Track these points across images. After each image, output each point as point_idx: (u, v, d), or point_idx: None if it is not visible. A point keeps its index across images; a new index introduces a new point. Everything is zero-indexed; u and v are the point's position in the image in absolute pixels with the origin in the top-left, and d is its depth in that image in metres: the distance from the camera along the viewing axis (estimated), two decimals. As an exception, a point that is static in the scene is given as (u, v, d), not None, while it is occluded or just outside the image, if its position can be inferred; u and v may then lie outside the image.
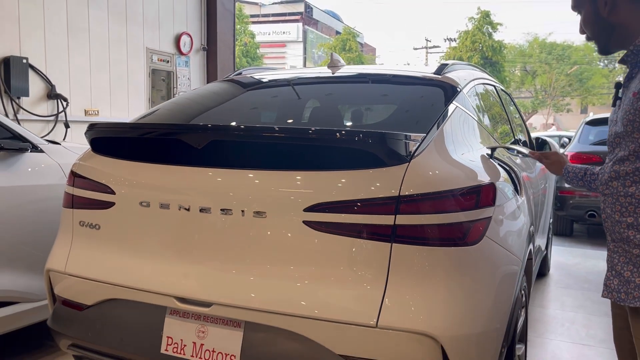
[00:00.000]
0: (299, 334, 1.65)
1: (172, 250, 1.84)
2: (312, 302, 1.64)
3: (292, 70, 3.03)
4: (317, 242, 1.64)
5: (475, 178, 1.77)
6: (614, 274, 1.51)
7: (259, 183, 1.72)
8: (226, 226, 1.75)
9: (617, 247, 1.52)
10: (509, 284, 1.85)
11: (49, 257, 2.16)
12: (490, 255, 1.73)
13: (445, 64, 2.46)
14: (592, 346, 3.22)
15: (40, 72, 5.18)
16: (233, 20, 7.69)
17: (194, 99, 2.57)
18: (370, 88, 2.42)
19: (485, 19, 32.48)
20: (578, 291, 4.39)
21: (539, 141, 3.93)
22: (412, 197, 1.59)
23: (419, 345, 1.57)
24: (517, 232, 2.04)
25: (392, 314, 1.57)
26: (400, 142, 1.63)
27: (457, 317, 1.59)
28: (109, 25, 5.94)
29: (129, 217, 1.92)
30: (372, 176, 1.63)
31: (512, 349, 1.93)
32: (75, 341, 2.06)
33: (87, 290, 2.01)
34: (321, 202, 1.63)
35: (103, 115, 5.89)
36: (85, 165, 2.07)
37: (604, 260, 5.14)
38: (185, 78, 7.04)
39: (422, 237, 1.59)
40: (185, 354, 1.81)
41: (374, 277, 1.60)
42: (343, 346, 1.62)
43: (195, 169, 1.81)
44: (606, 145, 1.65)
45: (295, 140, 1.71)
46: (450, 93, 2.18)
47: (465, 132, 2.11)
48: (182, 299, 1.80)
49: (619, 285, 1.48)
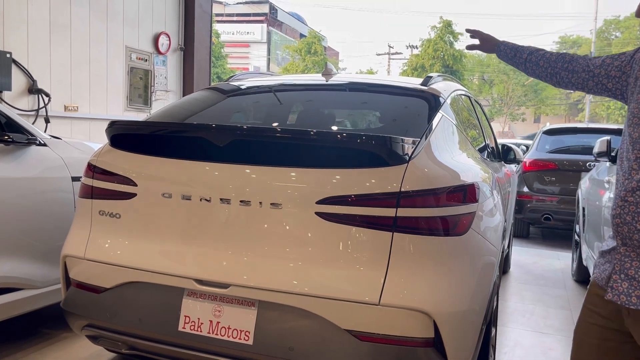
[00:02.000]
0: (308, 311, 1.87)
1: (192, 237, 2.03)
2: (322, 283, 1.86)
3: (288, 77, 3.25)
4: (327, 230, 1.87)
5: (461, 177, 2.04)
6: (624, 277, 1.45)
7: (276, 178, 1.94)
8: (244, 216, 1.95)
9: (630, 252, 1.46)
10: (489, 271, 2.12)
11: (66, 244, 2.30)
12: (475, 245, 2.00)
13: (430, 77, 2.74)
14: (550, 334, 3.56)
15: (22, 67, 5.21)
16: (210, 22, 7.83)
17: (200, 100, 2.76)
18: (366, 96, 2.68)
19: (447, 28, 33.40)
20: (536, 286, 4.76)
21: (504, 147, 4.27)
22: (411, 192, 1.84)
23: (414, 320, 1.82)
24: (494, 227, 2.32)
25: (392, 293, 1.81)
26: (401, 145, 1.88)
27: (446, 296, 1.84)
28: (90, 22, 6.00)
29: (150, 207, 2.10)
30: (376, 174, 1.87)
31: (489, 328, 2.21)
32: (91, 322, 2.22)
33: (106, 274, 2.17)
34: (331, 195, 1.87)
35: (82, 112, 5.95)
36: (106, 159, 2.24)
37: (559, 259, 5.56)
38: (162, 77, 7.13)
39: (418, 228, 1.84)
40: (202, 331, 2.00)
41: (377, 262, 1.84)
42: (348, 322, 1.85)
43: (217, 165, 2.02)
44: (620, 148, 1.58)
45: (308, 141, 1.94)
46: (436, 103, 2.45)
47: (449, 137, 2.38)
48: (201, 281, 1.99)
49: (629, 289, 1.44)
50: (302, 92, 2.85)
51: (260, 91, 2.87)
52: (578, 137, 7.66)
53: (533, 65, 1.95)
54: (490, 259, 2.16)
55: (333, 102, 2.73)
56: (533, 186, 7.07)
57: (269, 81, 2.98)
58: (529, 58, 1.96)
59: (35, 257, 2.83)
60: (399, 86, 2.70)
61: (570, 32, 51.40)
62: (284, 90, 2.88)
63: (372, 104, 2.69)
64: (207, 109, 2.68)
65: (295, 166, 1.94)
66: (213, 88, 2.95)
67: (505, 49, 2.07)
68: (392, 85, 2.74)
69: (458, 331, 1.87)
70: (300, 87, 2.88)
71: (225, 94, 2.85)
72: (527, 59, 1.97)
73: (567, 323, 3.80)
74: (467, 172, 2.16)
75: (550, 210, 6.91)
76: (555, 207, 6.91)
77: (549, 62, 1.89)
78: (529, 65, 1.97)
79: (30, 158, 2.84)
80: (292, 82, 2.99)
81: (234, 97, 2.81)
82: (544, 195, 6.98)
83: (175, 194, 2.05)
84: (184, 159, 2.08)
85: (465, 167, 2.18)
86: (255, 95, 2.85)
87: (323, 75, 2.89)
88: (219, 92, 2.86)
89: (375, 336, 1.83)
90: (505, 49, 2.07)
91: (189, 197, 2.02)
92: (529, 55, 1.97)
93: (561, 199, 6.91)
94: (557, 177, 6.98)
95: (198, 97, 2.83)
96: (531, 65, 1.96)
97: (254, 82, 2.99)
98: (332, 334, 1.86)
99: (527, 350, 3.28)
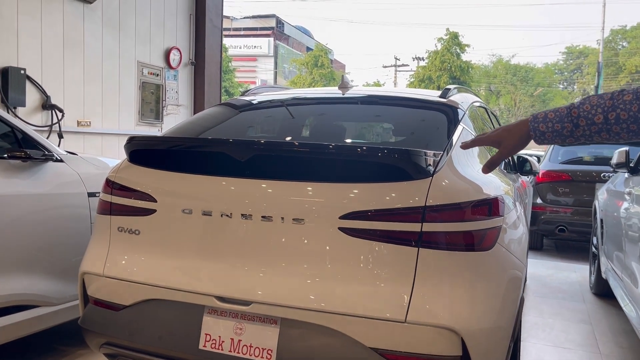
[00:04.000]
0: (332, 329, 1.84)
1: (213, 254, 2.00)
2: (346, 300, 1.82)
3: (305, 91, 3.24)
4: (351, 246, 1.84)
5: (486, 191, 2.00)
6: None
7: (298, 193, 1.91)
8: (266, 232, 1.92)
9: None
10: (516, 286, 2.08)
11: (84, 261, 2.28)
12: (502, 260, 1.96)
13: (448, 89, 2.71)
14: (572, 349, 3.49)
15: (36, 83, 5.24)
16: (220, 36, 7.88)
17: (217, 115, 2.75)
18: (386, 109, 2.66)
19: (453, 40, 33.48)
20: (554, 300, 4.69)
21: (519, 159, 4.23)
22: (437, 207, 1.81)
23: (441, 337, 1.77)
24: (518, 241, 2.28)
25: (418, 310, 1.77)
26: (425, 158, 1.85)
27: (474, 313, 1.80)
28: (103, 38, 6.04)
29: (170, 223, 2.08)
30: (400, 188, 1.84)
31: (517, 344, 2.16)
32: (110, 339, 2.19)
33: (125, 291, 2.14)
34: (355, 210, 1.84)
35: (95, 127, 5.97)
36: (125, 175, 2.22)
37: (575, 272, 5.49)
38: (173, 91, 7.16)
39: (445, 243, 1.80)
40: (223, 350, 1.96)
41: (403, 278, 1.80)
42: (373, 340, 1.81)
43: (238, 180, 1.99)
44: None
45: (331, 155, 1.91)
46: (457, 115, 2.42)
47: (470, 150, 2.35)
48: (222, 298, 1.96)
49: None
50: (320, 106, 2.83)
51: (277, 105, 2.86)
52: (591, 147, 7.60)
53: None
54: (517, 273, 2.11)
55: (352, 116, 2.71)
56: (546, 197, 7.00)
57: (285, 95, 2.97)
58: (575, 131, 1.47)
59: (52, 273, 2.81)
60: (418, 99, 2.67)
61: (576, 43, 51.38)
62: (301, 104, 2.86)
63: (392, 117, 2.67)
64: (225, 124, 2.66)
65: (318, 181, 1.91)
66: (229, 103, 2.94)
67: (545, 119, 1.53)
68: (412, 97, 2.71)
69: (486, 349, 1.83)
70: (318, 101, 2.86)
71: (242, 109, 2.84)
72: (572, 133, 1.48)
73: (589, 338, 3.72)
74: (489, 185, 2.12)
75: (565, 222, 6.83)
76: (569, 219, 6.84)
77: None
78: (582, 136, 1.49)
79: (47, 174, 2.84)
80: (309, 96, 2.97)
81: (252, 112, 2.80)
82: (558, 206, 6.91)
83: (196, 209, 2.02)
84: (204, 174, 2.06)
85: (488, 180, 2.14)
86: (272, 110, 2.84)
87: (340, 88, 2.87)
88: (236, 107, 2.85)
89: (401, 354, 1.79)
90: (546, 119, 1.52)
91: (210, 212, 2.00)
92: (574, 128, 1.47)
93: (575, 210, 6.84)
94: (571, 188, 6.91)
95: (214, 112, 2.82)
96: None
97: (270, 96, 2.97)
98: (357, 352, 1.82)
99: (549, 366, 3.22)
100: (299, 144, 1.95)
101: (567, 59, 48.36)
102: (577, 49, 46.87)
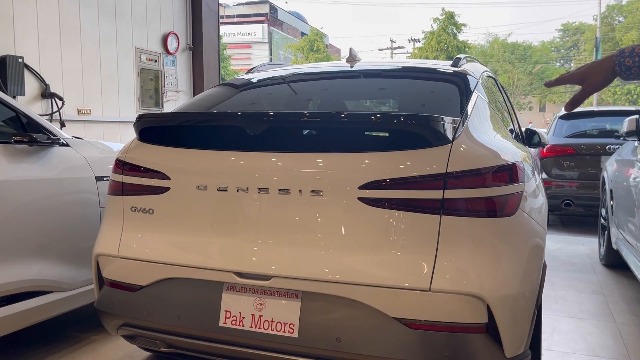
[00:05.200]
0: (355, 301, 1.81)
1: (230, 229, 1.96)
2: (368, 271, 1.79)
3: (312, 65, 3.19)
4: (371, 216, 1.80)
5: (505, 157, 1.96)
6: None
7: (315, 164, 1.87)
8: (284, 205, 1.89)
9: None
10: (539, 252, 2.05)
11: (97, 243, 2.25)
12: (524, 226, 1.93)
13: (459, 58, 2.67)
14: (587, 319, 3.48)
15: (34, 72, 5.17)
16: (217, 20, 7.78)
17: (225, 92, 2.70)
18: (398, 80, 2.61)
19: (449, 19, 33.24)
20: (564, 272, 4.68)
21: (528, 131, 4.19)
22: (458, 173, 1.77)
23: (466, 305, 1.75)
24: (539, 209, 2.25)
25: (443, 278, 1.74)
26: (445, 125, 1.81)
27: (499, 279, 1.77)
28: (99, 23, 5.96)
29: (185, 200, 2.04)
30: (420, 155, 1.80)
31: (539, 313, 2.14)
32: (127, 321, 2.16)
33: (142, 271, 2.11)
34: (375, 180, 1.80)
35: (95, 115, 5.91)
36: (136, 154, 2.18)
37: (583, 245, 5.46)
38: (172, 77, 7.09)
39: (467, 209, 1.77)
40: (244, 326, 1.93)
41: (425, 246, 1.77)
42: (397, 310, 1.78)
43: (252, 154, 1.95)
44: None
45: (348, 124, 1.87)
46: (470, 83, 2.38)
47: (485, 117, 2.31)
48: (241, 274, 1.93)
49: None
50: (330, 80, 2.78)
51: (285, 80, 2.81)
52: (595, 120, 7.55)
53: None
54: (539, 240, 2.08)
55: (364, 88, 2.66)
56: (551, 172, 6.97)
57: (292, 70, 2.91)
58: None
59: (63, 259, 2.78)
60: (430, 68, 2.63)
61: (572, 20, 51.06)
62: (310, 79, 2.81)
63: (405, 87, 2.62)
64: (233, 101, 2.61)
65: (335, 151, 1.87)
66: (236, 80, 2.89)
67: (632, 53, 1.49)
68: (423, 67, 2.67)
69: (512, 316, 1.80)
70: (327, 75, 2.81)
71: (250, 86, 2.78)
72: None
73: (603, 308, 3.71)
74: (507, 151, 2.08)
75: (571, 196, 6.81)
76: (575, 193, 6.81)
77: None
78: None
79: (54, 158, 2.79)
80: (318, 70, 2.92)
81: (260, 88, 2.74)
82: (563, 181, 6.88)
83: (211, 185, 1.99)
84: (218, 149, 2.02)
85: (504, 147, 2.10)
86: (281, 85, 2.79)
87: (347, 61, 2.82)
88: (243, 84, 2.80)
89: (426, 323, 1.77)
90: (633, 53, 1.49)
91: (225, 188, 1.96)
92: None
93: (581, 183, 6.81)
94: (576, 162, 6.88)
95: (221, 90, 2.77)
96: None
97: (277, 72, 2.92)
98: (381, 323, 1.79)
99: (565, 335, 3.21)
100: (314, 114, 1.91)
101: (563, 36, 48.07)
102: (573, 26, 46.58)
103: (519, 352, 1.84)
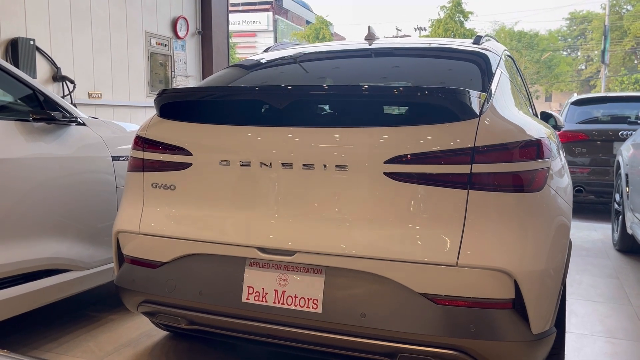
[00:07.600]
0: (380, 276, 1.79)
1: (253, 205, 1.95)
2: (393, 246, 1.78)
3: (331, 44, 3.15)
4: (396, 191, 1.79)
5: (531, 132, 1.94)
6: None
7: (340, 139, 1.85)
8: (308, 180, 1.87)
9: None
10: (565, 231, 2.03)
11: (118, 220, 2.24)
12: (551, 202, 1.91)
13: (480, 36, 2.63)
14: (603, 302, 3.47)
15: (46, 54, 5.15)
16: (227, 5, 7.72)
17: (245, 68, 2.67)
18: (422, 58, 2.57)
19: (456, 7, 32.98)
20: (578, 257, 4.65)
21: (543, 114, 4.15)
22: (486, 147, 1.75)
23: (493, 280, 1.73)
24: (565, 186, 2.22)
25: (470, 253, 1.72)
26: (472, 99, 1.78)
27: (527, 255, 1.75)
28: (110, 7, 5.92)
29: (207, 176, 2.02)
30: (447, 130, 1.78)
31: (565, 290, 2.12)
32: (148, 297, 2.16)
33: (163, 247, 2.10)
34: (401, 154, 1.78)
35: (105, 99, 5.89)
36: (157, 130, 2.16)
37: (596, 230, 5.42)
38: (182, 62, 7.06)
39: (494, 184, 1.75)
40: (267, 301, 1.92)
41: (452, 221, 1.75)
42: (423, 285, 1.76)
43: (276, 129, 1.93)
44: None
45: (374, 97, 1.85)
46: (493, 60, 2.34)
47: (509, 95, 2.28)
48: (264, 249, 1.92)
49: None
50: (349, 59, 2.74)
51: (304, 58, 2.78)
52: (607, 106, 7.48)
53: None
54: (565, 219, 2.06)
55: (385, 65, 2.63)
56: (563, 158, 6.91)
57: (311, 48, 2.88)
58: None
59: (80, 237, 2.77)
60: (452, 47, 2.60)
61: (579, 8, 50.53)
62: (328, 57, 2.78)
63: (429, 65, 2.58)
64: (253, 77, 2.59)
65: (361, 125, 1.85)
66: (254, 58, 2.86)
67: None
68: (445, 46, 2.63)
69: (539, 292, 1.78)
70: (347, 53, 2.77)
71: (269, 63, 2.75)
72: None
73: (619, 291, 3.70)
74: (531, 127, 2.06)
75: (583, 182, 6.76)
76: (587, 179, 6.76)
77: None
78: None
79: (71, 137, 2.78)
80: (336, 49, 2.89)
81: (280, 66, 2.71)
82: (574, 167, 6.82)
83: (234, 161, 1.97)
84: (241, 124, 1.99)
85: (528, 122, 2.08)
86: (300, 63, 2.76)
87: (366, 39, 2.79)
88: (262, 62, 2.77)
89: (452, 299, 1.75)
90: None
91: (248, 163, 1.94)
92: None
93: (593, 170, 6.76)
94: (588, 148, 6.82)
95: (240, 67, 2.75)
96: None
97: (295, 50, 2.89)
98: (406, 299, 1.78)
99: (582, 318, 3.19)
100: (339, 87, 1.89)
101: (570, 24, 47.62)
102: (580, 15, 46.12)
103: (545, 329, 1.82)
